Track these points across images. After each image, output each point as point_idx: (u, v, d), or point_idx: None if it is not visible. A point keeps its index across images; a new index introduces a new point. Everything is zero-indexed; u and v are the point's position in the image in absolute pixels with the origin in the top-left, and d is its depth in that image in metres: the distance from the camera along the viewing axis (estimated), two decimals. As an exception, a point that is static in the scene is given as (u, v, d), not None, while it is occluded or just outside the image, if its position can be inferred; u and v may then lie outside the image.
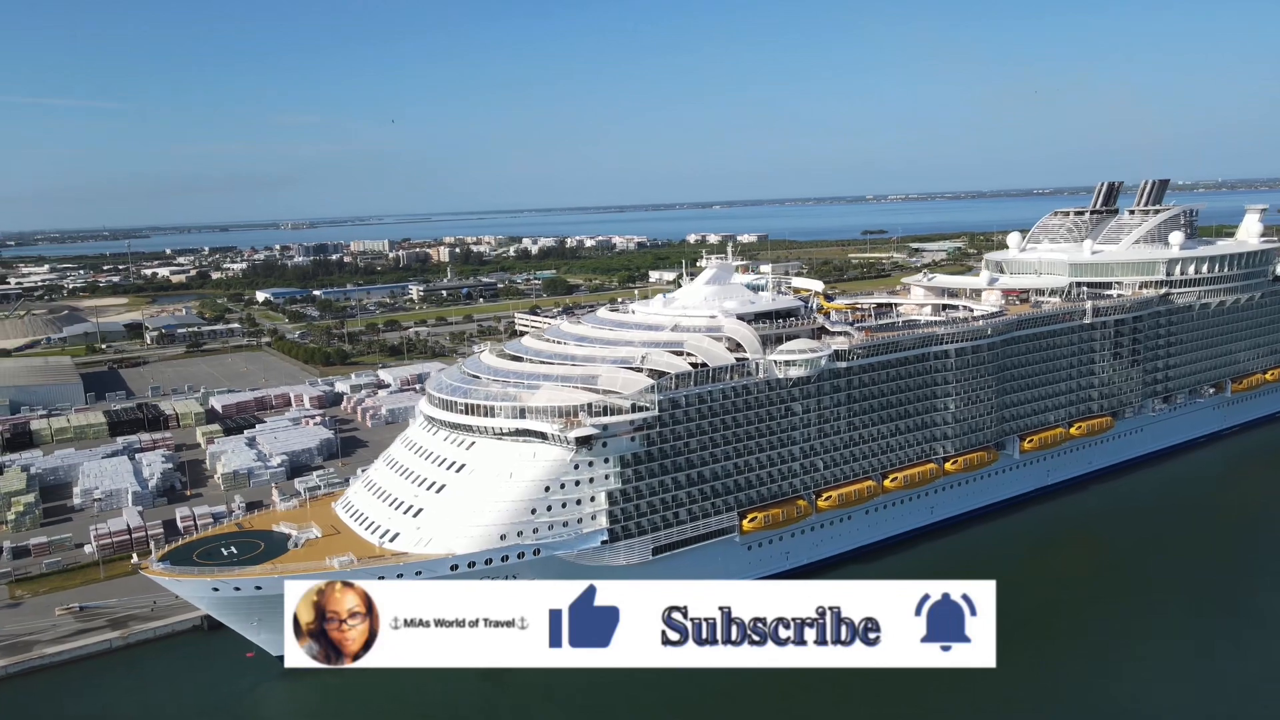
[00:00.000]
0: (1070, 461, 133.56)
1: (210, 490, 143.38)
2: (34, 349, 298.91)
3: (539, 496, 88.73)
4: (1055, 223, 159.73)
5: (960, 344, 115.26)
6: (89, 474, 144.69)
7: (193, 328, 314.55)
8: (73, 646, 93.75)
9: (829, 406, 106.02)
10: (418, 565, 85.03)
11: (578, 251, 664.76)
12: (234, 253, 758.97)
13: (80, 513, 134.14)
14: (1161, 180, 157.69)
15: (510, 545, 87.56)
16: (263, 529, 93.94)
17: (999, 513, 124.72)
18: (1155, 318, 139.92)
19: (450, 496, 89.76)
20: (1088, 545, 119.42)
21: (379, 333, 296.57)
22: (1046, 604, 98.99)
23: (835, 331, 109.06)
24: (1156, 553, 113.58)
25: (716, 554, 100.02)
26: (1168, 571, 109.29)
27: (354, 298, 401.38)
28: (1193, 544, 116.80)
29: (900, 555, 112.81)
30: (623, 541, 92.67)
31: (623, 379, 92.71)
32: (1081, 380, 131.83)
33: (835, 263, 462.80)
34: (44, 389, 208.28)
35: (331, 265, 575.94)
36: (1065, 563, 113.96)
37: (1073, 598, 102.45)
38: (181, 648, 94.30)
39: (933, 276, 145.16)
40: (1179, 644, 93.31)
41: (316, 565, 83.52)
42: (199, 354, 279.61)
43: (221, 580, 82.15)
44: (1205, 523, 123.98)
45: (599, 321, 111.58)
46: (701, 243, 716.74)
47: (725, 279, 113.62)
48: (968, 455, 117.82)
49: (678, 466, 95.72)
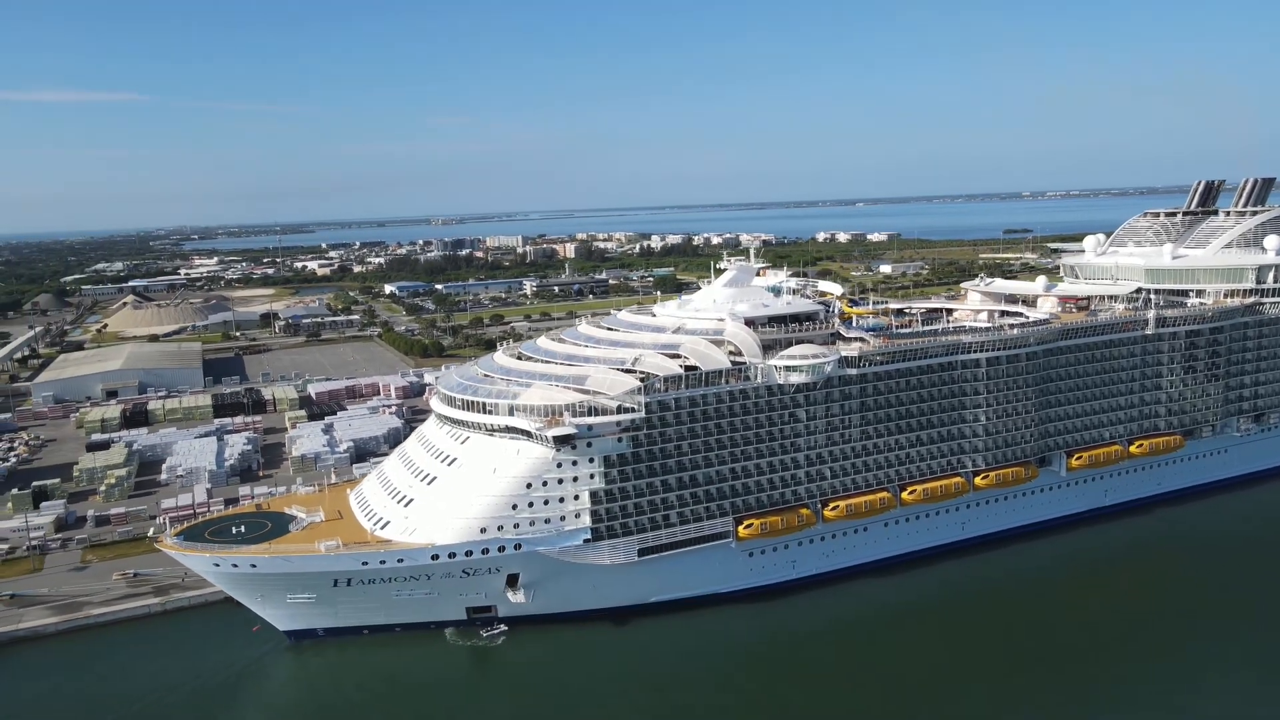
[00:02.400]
0: (1133, 482, 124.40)
1: (281, 472, 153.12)
2: (180, 335, 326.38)
3: (521, 492, 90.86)
4: (1143, 224, 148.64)
5: (992, 353, 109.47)
6: (179, 452, 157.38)
7: (317, 318, 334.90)
8: (117, 609, 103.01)
9: (839, 414, 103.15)
10: (400, 553, 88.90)
11: (701, 249, 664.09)
12: (380, 247, 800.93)
13: (165, 487, 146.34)
14: (1266, 178, 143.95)
15: (491, 539, 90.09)
16: (277, 511, 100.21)
17: (1042, 533, 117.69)
18: (1241, 329, 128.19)
19: (439, 488, 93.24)
20: (1135, 575, 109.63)
21: (483, 326, 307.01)
22: (1060, 645, 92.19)
23: (850, 337, 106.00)
24: (1219, 593, 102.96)
25: (712, 559, 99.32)
26: (1227, 613, 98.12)
27: (472, 292, 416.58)
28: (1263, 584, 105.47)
29: (920, 571, 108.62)
30: (606, 541, 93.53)
31: (610, 380, 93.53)
32: (1146, 395, 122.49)
33: (960, 263, 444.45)
34: (169, 372, 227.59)
35: (460, 260, 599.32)
36: (1103, 594, 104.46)
37: (1093, 638, 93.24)
38: (207, 617, 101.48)
39: (990, 281, 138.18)
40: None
41: (305, 548, 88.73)
42: (317, 343, 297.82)
43: (221, 556, 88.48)
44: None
45: (617, 323, 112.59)
46: (831, 241, 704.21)
47: (744, 281, 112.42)
48: (1001, 470, 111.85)
49: (667, 469, 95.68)
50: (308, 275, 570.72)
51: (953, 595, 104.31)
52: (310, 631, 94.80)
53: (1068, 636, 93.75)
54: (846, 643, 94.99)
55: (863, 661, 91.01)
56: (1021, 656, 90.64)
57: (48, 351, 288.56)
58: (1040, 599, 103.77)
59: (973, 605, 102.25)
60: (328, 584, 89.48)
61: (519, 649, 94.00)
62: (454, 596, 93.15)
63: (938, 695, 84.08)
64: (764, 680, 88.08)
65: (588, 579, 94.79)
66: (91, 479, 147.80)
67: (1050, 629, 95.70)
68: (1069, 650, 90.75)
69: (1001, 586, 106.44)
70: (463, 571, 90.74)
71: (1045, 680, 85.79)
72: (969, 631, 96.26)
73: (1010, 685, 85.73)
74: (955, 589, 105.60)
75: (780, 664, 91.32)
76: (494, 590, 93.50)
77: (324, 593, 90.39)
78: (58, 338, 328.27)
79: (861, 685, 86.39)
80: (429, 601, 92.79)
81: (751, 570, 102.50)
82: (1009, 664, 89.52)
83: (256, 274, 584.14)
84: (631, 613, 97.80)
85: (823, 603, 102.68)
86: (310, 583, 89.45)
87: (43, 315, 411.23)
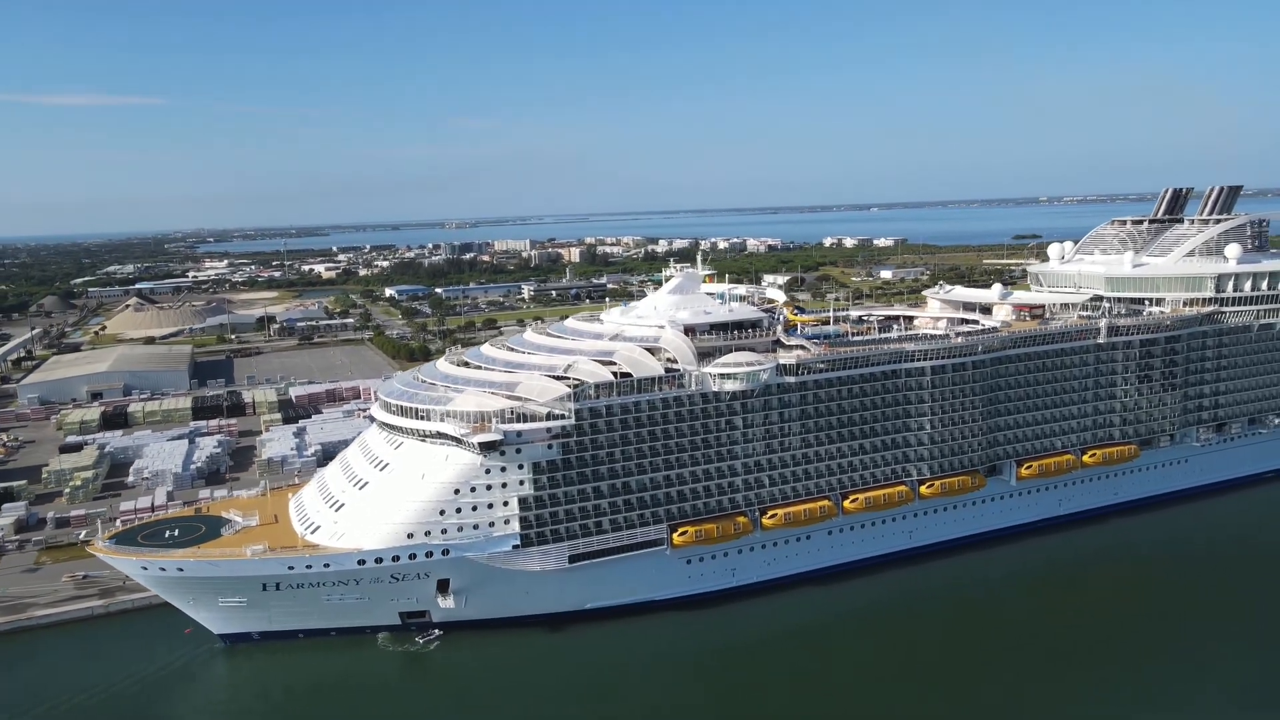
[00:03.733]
0: (1088, 492, 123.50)
1: (249, 475, 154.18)
2: (177, 337, 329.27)
3: (449, 498, 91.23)
4: (1109, 232, 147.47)
5: (937, 361, 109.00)
6: (148, 455, 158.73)
7: (312, 321, 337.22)
8: (61, 610, 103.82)
9: (777, 422, 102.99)
10: (326, 558, 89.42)
11: (707, 254, 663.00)
12: (388, 250, 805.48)
13: (131, 489, 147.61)
14: (1232, 186, 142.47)
15: (418, 544, 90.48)
16: (215, 515, 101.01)
17: (995, 543, 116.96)
18: (1199, 339, 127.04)
19: (369, 494, 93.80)
20: (1090, 586, 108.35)
21: (475, 330, 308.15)
22: (1007, 653, 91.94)
23: (791, 345, 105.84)
24: (1165, 602, 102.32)
25: (648, 566, 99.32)
26: (1165, 624, 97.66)
27: (471, 296, 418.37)
28: (1213, 593, 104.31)
29: (863, 580, 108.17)
30: (536, 547, 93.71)
31: (541, 387, 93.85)
32: (1100, 405, 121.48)
33: (962, 268, 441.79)
34: (155, 374, 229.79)
35: (464, 264, 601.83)
36: (1053, 604, 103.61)
37: (1045, 647, 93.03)
38: (150, 620, 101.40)
39: (950, 289, 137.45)
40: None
41: (232, 552, 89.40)
42: (309, 346, 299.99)
43: (149, 560, 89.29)
44: (1236, 569, 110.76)
45: (564, 330, 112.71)
46: (838, 245, 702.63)
47: (690, 289, 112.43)
48: (947, 479, 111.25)
49: (599, 476, 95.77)
50: (313, 278, 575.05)
51: (899, 604, 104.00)
52: (245, 635, 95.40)
53: (1014, 645, 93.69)
54: (786, 651, 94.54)
55: (803, 669, 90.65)
56: (965, 665, 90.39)
57: (44, 353, 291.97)
58: (987, 608, 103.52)
59: (918, 614, 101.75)
60: (257, 588, 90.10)
61: (452, 654, 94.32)
62: (385, 601, 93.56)
63: (877, 700, 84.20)
64: (699, 688, 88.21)
65: (521, 585, 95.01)
66: (60, 481, 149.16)
67: (997, 638, 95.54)
68: (1013, 658, 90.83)
69: (949, 596, 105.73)
70: (391, 577, 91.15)
71: (984, 688, 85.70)
72: (913, 639, 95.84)
73: (953, 692, 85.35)
74: (902, 598, 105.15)
75: (718, 672, 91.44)
76: (426, 595, 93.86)
77: (255, 597, 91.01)
78: (56, 339, 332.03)
79: (801, 694, 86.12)
80: (361, 606, 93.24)
81: (690, 578, 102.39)
82: (954, 672, 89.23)
83: (263, 277, 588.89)
84: (567, 619, 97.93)
85: (764, 611, 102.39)
86: (240, 587, 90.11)
87: (46, 317, 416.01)
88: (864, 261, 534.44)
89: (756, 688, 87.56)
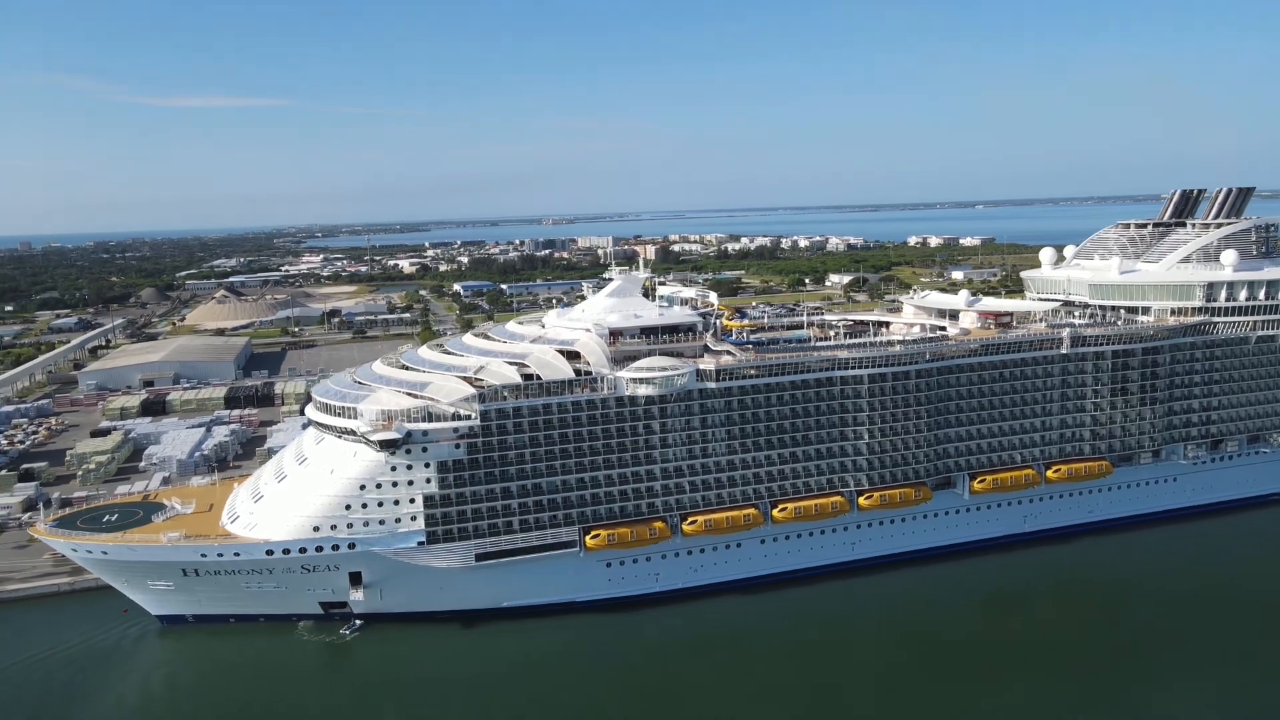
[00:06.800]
0: (1057, 509, 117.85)
1: (253, 463, 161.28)
2: (246, 329, 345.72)
3: (355, 493, 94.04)
4: (1111, 236, 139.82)
5: (875, 370, 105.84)
6: (164, 441, 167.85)
7: (371, 316, 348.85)
8: (29, 586, 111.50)
9: (699, 428, 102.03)
10: (236, 547, 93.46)
11: (779, 252, 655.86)
12: (476, 246, 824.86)
13: (143, 474, 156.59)
14: (1244, 188, 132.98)
15: (324, 537, 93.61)
16: (157, 502, 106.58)
17: (950, 558, 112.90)
18: (1185, 350, 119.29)
19: (285, 487, 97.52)
20: (1028, 606, 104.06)
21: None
22: (938, 670, 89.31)
23: (718, 350, 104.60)
24: (1121, 634, 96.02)
25: (564, 568, 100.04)
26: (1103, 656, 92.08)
27: (534, 292, 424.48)
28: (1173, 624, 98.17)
29: (792, 591, 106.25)
30: (442, 544, 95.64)
31: (448, 388, 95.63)
32: (1067, 418, 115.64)
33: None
34: (203, 364, 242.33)
35: (537, 261, 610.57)
36: (986, 625, 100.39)
37: (986, 661, 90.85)
38: (111, 598, 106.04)
39: (926, 294, 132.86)
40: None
41: (151, 538, 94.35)
42: (360, 340, 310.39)
43: (78, 543, 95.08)
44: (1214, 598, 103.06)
45: (501, 333, 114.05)
46: (922, 245, 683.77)
47: (629, 292, 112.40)
48: (888, 490, 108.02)
49: (507, 476, 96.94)
50: (395, 273, 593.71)
51: (806, 616, 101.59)
52: (180, 617, 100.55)
53: (949, 662, 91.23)
54: (705, 656, 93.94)
55: (722, 676, 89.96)
56: (897, 679, 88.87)
57: (120, 342, 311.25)
58: (927, 624, 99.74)
59: (858, 627, 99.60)
60: (178, 573, 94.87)
61: (366, 646, 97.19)
62: (303, 591, 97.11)
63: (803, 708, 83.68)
64: (609, 688, 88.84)
65: (434, 581, 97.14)
66: (80, 463, 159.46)
67: (934, 656, 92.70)
68: (945, 674, 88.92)
69: (890, 610, 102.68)
70: (302, 568, 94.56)
71: (908, 703, 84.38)
72: (846, 653, 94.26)
73: (889, 706, 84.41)
74: (841, 611, 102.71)
75: (632, 673, 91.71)
76: (341, 587, 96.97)
77: (179, 581, 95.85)
78: (139, 330, 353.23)
79: (716, 699, 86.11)
80: (280, 594, 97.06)
81: (610, 581, 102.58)
82: (888, 685, 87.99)
83: (348, 271, 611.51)
84: (484, 616, 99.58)
85: (688, 617, 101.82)
86: (163, 571, 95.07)
87: (142, 308, 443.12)
88: (941, 261, 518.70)
89: (670, 691, 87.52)
